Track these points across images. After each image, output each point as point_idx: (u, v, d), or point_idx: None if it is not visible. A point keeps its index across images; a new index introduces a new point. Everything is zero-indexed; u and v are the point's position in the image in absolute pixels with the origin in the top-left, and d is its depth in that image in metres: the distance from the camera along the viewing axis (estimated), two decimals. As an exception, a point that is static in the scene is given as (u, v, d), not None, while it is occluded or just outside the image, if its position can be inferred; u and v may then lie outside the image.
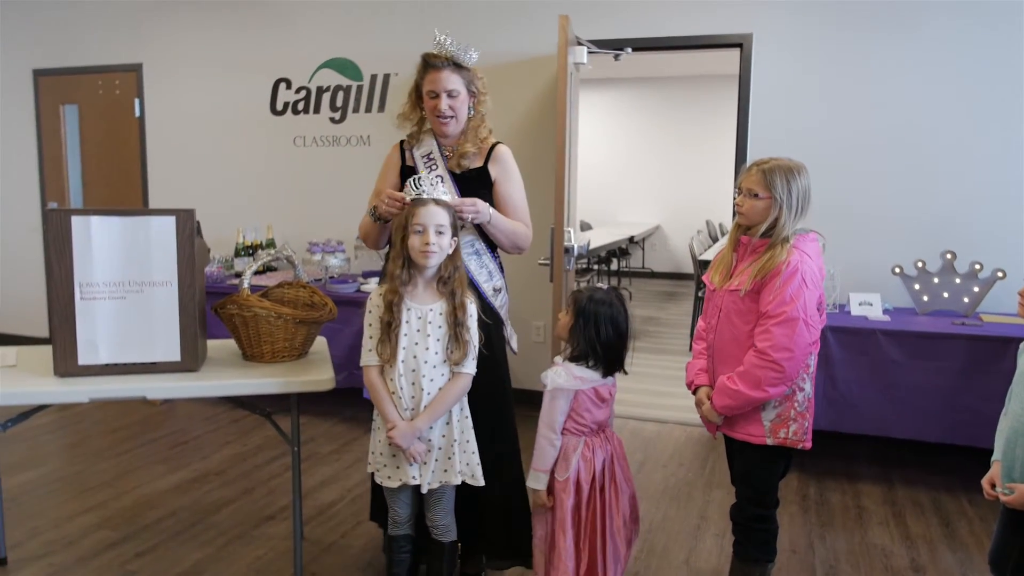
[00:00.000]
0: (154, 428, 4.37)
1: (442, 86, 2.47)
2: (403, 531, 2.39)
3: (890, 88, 4.05)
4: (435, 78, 2.48)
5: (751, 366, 2.19)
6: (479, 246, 2.54)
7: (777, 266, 2.17)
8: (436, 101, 2.49)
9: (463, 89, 2.51)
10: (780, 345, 2.14)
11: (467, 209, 2.36)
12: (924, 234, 4.01)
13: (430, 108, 2.52)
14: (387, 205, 2.37)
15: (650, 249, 11.03)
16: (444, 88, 2.48)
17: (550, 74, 4.57)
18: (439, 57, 2.47)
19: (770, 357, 2.15)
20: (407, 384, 2.22)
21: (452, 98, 2.49)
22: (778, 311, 2.15)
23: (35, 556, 2.90)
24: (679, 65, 9.71)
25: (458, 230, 2.30)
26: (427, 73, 2.50)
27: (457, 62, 2.49)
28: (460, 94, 2.51)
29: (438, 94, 2.48)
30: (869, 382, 3.55)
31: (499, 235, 2.54)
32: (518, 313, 4.64)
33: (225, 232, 5.12)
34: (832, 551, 3.01)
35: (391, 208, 2.36)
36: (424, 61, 2.52)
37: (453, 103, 2.50)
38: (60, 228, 2.33)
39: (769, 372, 2.16)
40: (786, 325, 2.14)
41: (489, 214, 2.46)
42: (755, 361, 2.18)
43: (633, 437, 4.30)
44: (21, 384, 2.36)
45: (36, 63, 5.98)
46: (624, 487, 2.34)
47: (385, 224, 2.50)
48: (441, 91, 2.48)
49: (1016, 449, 1.83)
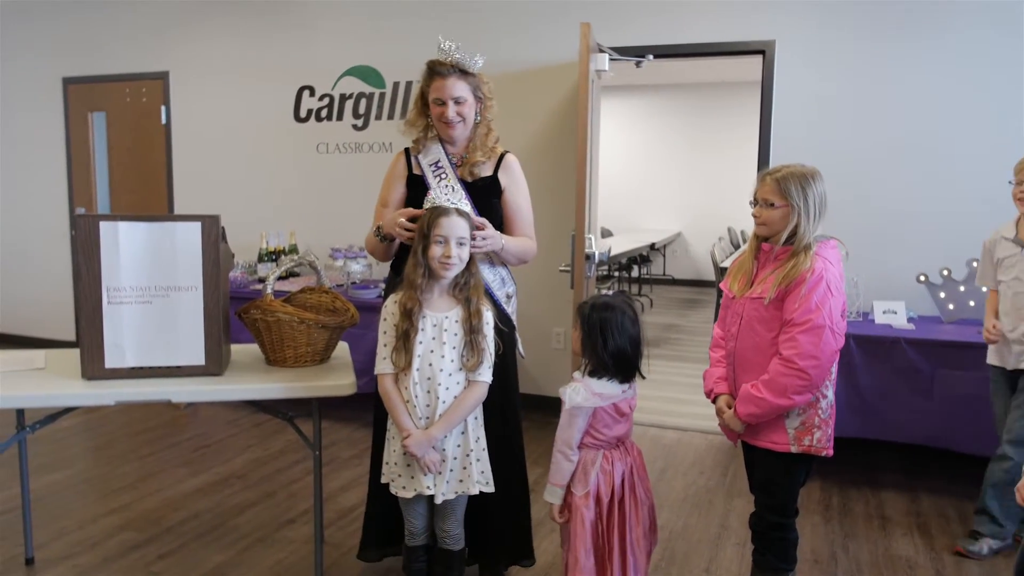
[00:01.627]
0: (178, 431, 4.42)
1: (448, 93, 2.48)
2: (419, 542, 2.39)
3: (913, 95, 4.01)
4: (441, 85, 2.48)
5: (776, 374, 2.18)
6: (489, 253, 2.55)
7: (802, 274, 2.15)
8: (443, 108, 2.50)
9: (470, 95, 2.52)
10: (807, 353, 2.13)
11: (479, 244, 2.33)
12: (950, 242, 3.96)
13: (437, 115, 2.53)
14: (403, 229, 2.36)
15: (671, 256, 10.99)
16: (451, 95, 2.49)
17: (571, 81, 4.58)
18: (444, 64, 2.48)
19: (796, 365, 2.14)
20: (422, 392, 2.21)
21: (459, 104, 2.50)
22: (804, 319, 2.14)
23: (61, 557, 2.94)
24: (701, 72, 9.69)
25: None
26: (433, 80, 2.51)
27: (463, 68, 2.49)
28: (467, 100, 2.52)
29: (445, 101, 2.49)
30: (893, 391, 3.51)
31: (511, 258, 2.56)
32: (537, 320, 4.65)
33: (249, 238, 5.18)
34: (855, 561, 2.98)
35: (405, 234, 2.35)
36: (429, 68, 2.53)
37: (460, 109, 2.51)
38: (89, 233, 2.37)
39: (795, 380, 2.15)
40: (812, 333, 2.13)
41: (502, 243, 2.46)
42: (781, 369, 2.17)
43: (654, 445, 4.28)
44: (49, 387, 2.39)
45: (65, 71, 6.09)
46: (644, 498, 2.29)
47: (391, 243, 2.51)
48: (448, 98, 2.49)
49: None
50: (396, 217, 2.41)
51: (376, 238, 2.55)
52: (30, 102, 6.24)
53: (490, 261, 2.54)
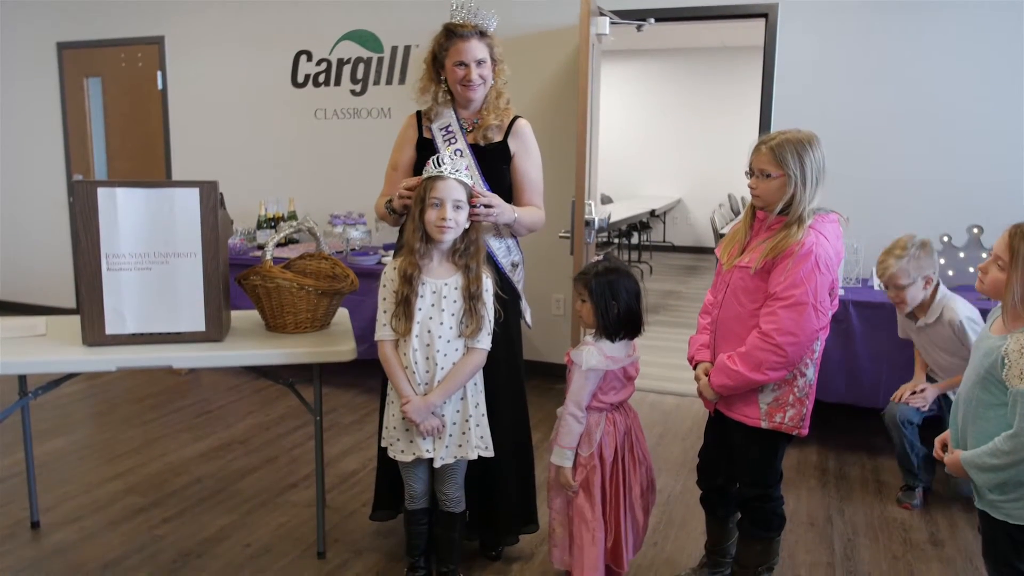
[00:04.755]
0: (180, 398, 4.44)
1: (471, 55, 2.45)
2: (419, 505, 2.41)
3: (916, 61, 3.97)
4: (462, 48, 2.45)
5: (753, 347, 2.12)
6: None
7: (790, 246, 2.07)
8: (466, 71, 2.46)
9: (488, 57, 2.50)
10: (785, 329, 2.07)
11: (482, 211, 2.30)
12: (950, 208, 3.95)
13: (458, 78, 2.49)
14: (402, 199, 2.36)
15: (671, 223, 10.96)
16: (473, 58, 2.46)
17: (572, 45, 4.53)
18: (464, 26, 2.45)
19: (774, 340, 2.08)
20: (421, 358, 2.23)
21: (480, 66, 2.48)
22: (787, 294, 2.07)
23: (66, 520, 2.97)
24: (703, 36, 9.57)
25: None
26: (452, 44, 2.46)
27: (481, 30, 2.47)
28: (487, 62, 2.49)
29: (467, 64, 2.46)
30: (891, 356, 3.53)
31: (522, 229, 2.54)
32: (537, 286, 4.65)
33: (247, 205, 5.16)
34: (851, 525, 3.02)
35: (406, 201, 2.35)
36: (448, 31, 2.48)
37: (482, 71, 2.48)
38: (87, 200, 2.36)
39: (771, 356, 2.09)
40: (794, 309, 2.06)
41: (514, 216, 2.44)
42: (758, 343, 2.11)
43: (653, 410, 4.31)
44: (51, 353, 2.40)
45: (60, 36, 6.02)
46: (641, 458, 2.36)
47: (401, 216, 2.49)
48: (471, 60, 2.46)
49: (957, 416, 1.96)
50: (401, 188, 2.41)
51: (387, 211, 2.54)
52: (25, 68, 6.16)
53: (497, 231, 2.52)
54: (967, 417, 1.91)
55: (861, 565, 2.73)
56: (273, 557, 2.74)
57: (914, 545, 2.87)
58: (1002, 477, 1.79)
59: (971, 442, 1.89)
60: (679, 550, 2.82)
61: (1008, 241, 1.83)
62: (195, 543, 2.82)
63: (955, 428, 1.98)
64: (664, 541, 2.88)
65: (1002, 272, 1.85)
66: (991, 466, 1.80)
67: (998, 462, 1.78)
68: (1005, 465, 1.77)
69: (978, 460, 1.83)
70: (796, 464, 3.56)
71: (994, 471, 1.79)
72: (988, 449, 1.81)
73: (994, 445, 1.79)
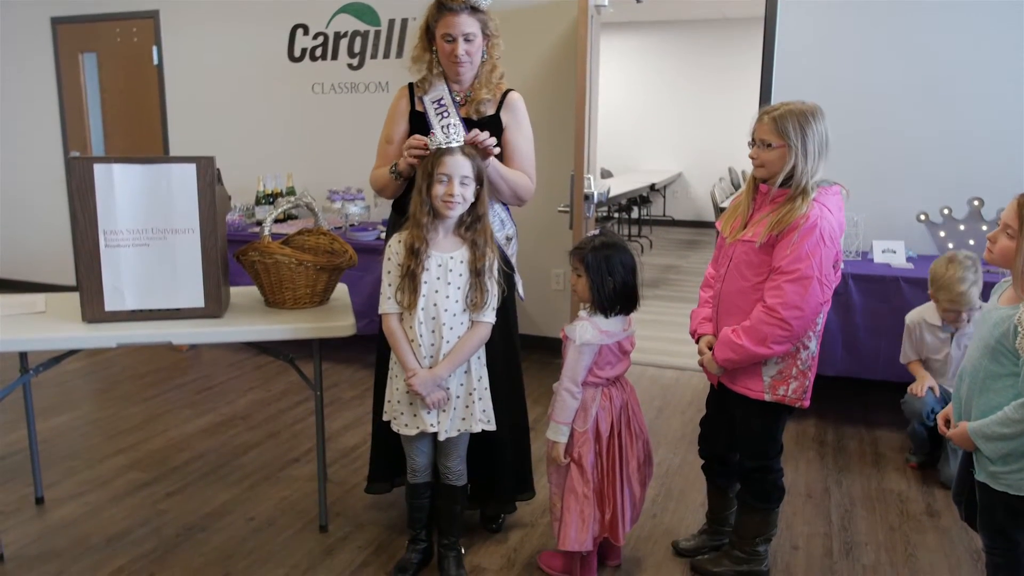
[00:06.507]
0: (180, 374, 4.46)
1: (460, 30, 2.42)
2: (422, 479, 2.42)
3: (916, 33, 3.93)
4: (452, 22, 2.42)
5: (758, 321, 2.13)
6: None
7: (796, 220, 2.07)
8: (453, 45, 2.44)
9: (479, 32, 2.46)
10: (791, 303, 2.07)
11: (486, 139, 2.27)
12: (951, 181, 3.93)
13: (446, 52, 2.47)
14: (409, 156, 2.32)
15: (671, 197, 10.93)
16: (461, 32, 2.42)
17: (570, 17, 4.48)
18: (456, 0, 2.43)
19: (779, 315, 2.09)
20: (427, 332, 2.23)
21: (468, 42, 2.44)
22: (792, 267, 2.07)
23: (70, 496, 3.00)
24: (702, 8, 9.48)
25: (483, 181, 2.26)
26: (442, 16, 2.44)
27: (473, 5, 2.43)
28: (476, 38, 2.46)
29: (455, 38, 2.43)
30: (890, 330, 3.53)
31: (500, 182, 2.46)
32: (537, 261, 4.66)
33: (245, 181, 5.13)
34: (848, 496, 3.04)
35: (411, 160, 2.31)
36: (439, 3, 2.45)
37: (469, 47, 2.45)
38: (83, 176, 2.35)
39: (776, 329, 2.10)
40: (799, 283, 2.07)
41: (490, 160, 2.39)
42: (763, 317, 2.12)
43: (652, 384, 4.33)
44: (51, 330, 2.41)
45: (53, 11, 5.95)
46: (638, 432, 2.37)
47: (405, 180, 2.46)
48: (458, 35, 2.43)
49: (960, 390, 1.96)
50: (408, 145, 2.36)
51: (391, 175, 2.48)
52: (19, 44, 6.11)
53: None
54: (972, 389, 1.91)
55: (858, 536, 2.75)
56: (275, 531, 2.76)
57: (910, 516, 2.89)
58: (1010, 447, 1.79)
59: (975, 414, 1.89)
60: (677, 522, 2.85)
61: (1017, 209, 1.82)
62: (198, 517, 2.85)
63: (958, 402, 1.98)
64: (663, 513, 2.91)
65: (1011, 240, 1.83)
66: (1000, 435, 1.80)
67: (1008, 431, 1.78)
68: (1015, 434, 1.77)
69: (987, 429, 1.83)
70: (795, 436, 3.58)
71: (1004, 440, 1.79)
72: (998, 418, 1.80)
73: (1004, 414, 1.79)
